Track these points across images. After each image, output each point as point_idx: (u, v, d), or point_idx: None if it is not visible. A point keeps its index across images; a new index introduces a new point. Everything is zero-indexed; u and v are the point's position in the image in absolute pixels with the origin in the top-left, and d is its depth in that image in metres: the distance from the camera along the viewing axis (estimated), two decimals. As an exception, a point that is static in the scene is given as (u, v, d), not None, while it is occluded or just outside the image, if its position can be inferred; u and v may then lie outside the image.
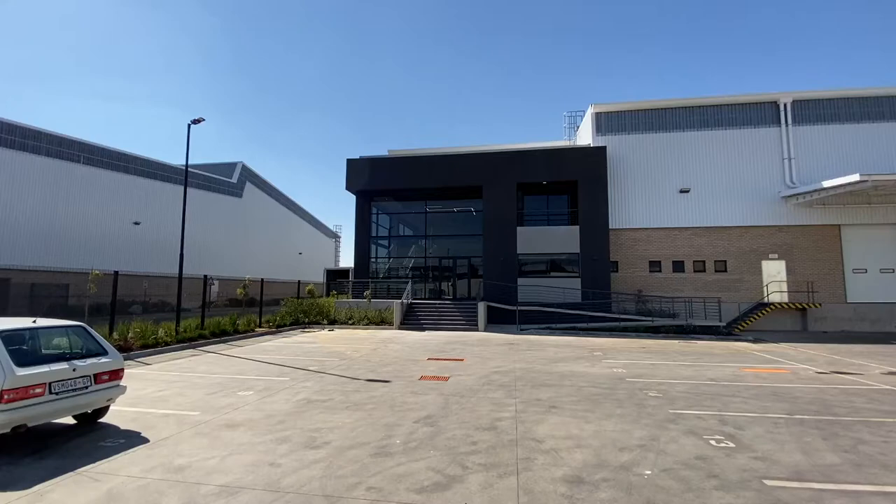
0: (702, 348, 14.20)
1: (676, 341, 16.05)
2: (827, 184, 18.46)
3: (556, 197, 24.13)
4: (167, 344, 12.66)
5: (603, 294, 20.54)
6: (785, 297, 20.48)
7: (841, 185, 17.92)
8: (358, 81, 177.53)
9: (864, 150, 20.82)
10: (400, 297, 20.73)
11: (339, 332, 18.05)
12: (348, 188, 23.95)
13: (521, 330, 18.68)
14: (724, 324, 18.92)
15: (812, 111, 21.63)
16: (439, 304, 21.61)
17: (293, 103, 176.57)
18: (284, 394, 7.55)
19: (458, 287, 24.41)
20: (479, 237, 22.81)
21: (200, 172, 37.57)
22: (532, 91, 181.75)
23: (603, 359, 11.68)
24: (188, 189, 16.10)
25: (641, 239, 22.07)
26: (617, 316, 19.52)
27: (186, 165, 15.60)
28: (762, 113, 21.90)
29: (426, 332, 17.97)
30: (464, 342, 14.94)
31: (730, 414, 6.46)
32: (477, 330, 18.66)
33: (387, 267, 25.45)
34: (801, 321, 20.40)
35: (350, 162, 24.05)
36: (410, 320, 19.89)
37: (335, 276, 31.45)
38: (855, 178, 17.02)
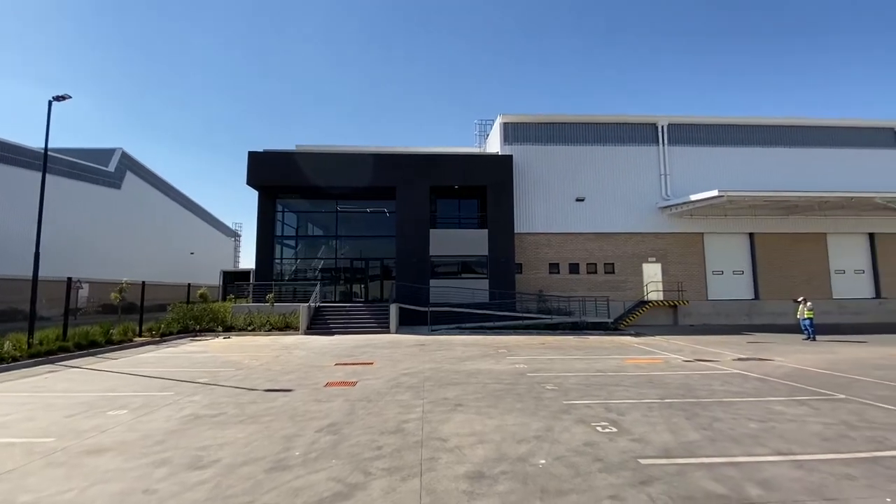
0: (593, 343, 15.60)
1: (572, 337, 17.43)
2: (693, 197, 21.45)
3: (467, 201, 24.87)
4: (15, 359, 10.62)
5: (508, 294, 21.62)
6: (661, 296, 23.35)
7: (704, 199, 20.94)
8: (269, 70, 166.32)
9: (723, 170, 24.54)
10: (307, 301, 19.76)
11: (237, 340, 16.67)
12: (250, 183, 22.27)
13: (433, 331, 18.90)
14: (612, 320, 21.02)
15: (684, 134, 24.99)
16: (350, 306, 21.02)
17: (193, 88, 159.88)
18: (167, 410, 6.74)
19: (370, 289, 23.99)
20: (392, 238, 22.65)
21: (66, 158, 32.23)
22: (446, 98, 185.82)
23: (507, 356, 12.26)
24: (49, 177, 13.70)
25: (543, 243, 23.65)
26: (521, 315, 20.68)
27: (46, 148, 13.24)
28: (644, 133, 24.78)
29: (335, 337, 17.35)
30: (374, 345, 14.69)
31: (614, 402, 7.15)
32: (388, 332, 18.49)
33: (293, 268, 24.13)
34: (672, 316, 23.42)
35: (252, 155, 22.39)
36: (318, 324, 19.06)
37: (234, 279, 29.04)
38: (714, 193, 20.00)
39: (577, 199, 23.96)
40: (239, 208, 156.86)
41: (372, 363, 11.07)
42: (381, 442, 5.26)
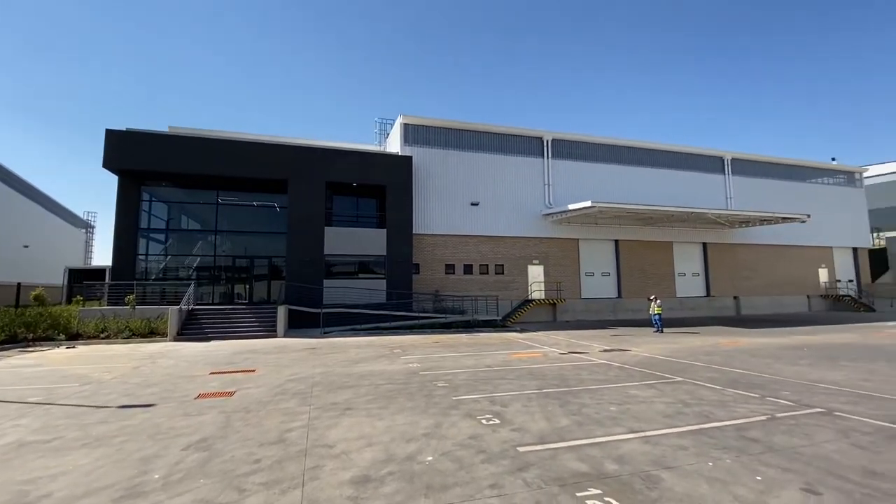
0: (483, 339, 16.41)
1: (464, 335, 18.13)
2: (571, 206, 23.80)
3: (365, 199, 24.39)
4: None
5: (406, 294, 21.71)
6: (543, 295, 25.46)
7: (579, 209, 23.34)
8: (134, 32, 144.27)
9: (596, 183, 27.58)
10: (179, 303, 17.57)
11: (85, 350, 14.16)
12: (107, 166, 19.07)
13: (325, 333, 18.16)
14: (501, 318, 22.37)
15: (565, 149, 27.57)
16: (231, 309, 19.21)
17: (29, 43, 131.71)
18: (-24, 440, 5.44)
19: (256, 290, 22.19)
20: (282, 235, 21.23)
21: None
22: (344, 92, 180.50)
23: (402, 356, 12.29)
24: None
25: (440, 244, 24.22)
26: (417, 314, 20.91)
27: None
28: (532, 146, 26.81)
29: (212, 343, 15.70)
30: (258, 350, 13.62)
31: (498, 395, 7.59)
32: (276, 336, 17.29)
33: (162, 266, 21.26)
34: (552, 313, 25.69)
35: (112, 134, 19.21)
36: (192, 329, 17.07)
37: (83, 278, 24.59)
38: (588, 203, 22.40)
39: (473, 204, 24.99)
40: (90, 195, 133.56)
41: (254, 370, 10.23)
42: (259, 454, 4.87)
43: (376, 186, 22.91)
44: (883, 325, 20.64)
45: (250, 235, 22.23)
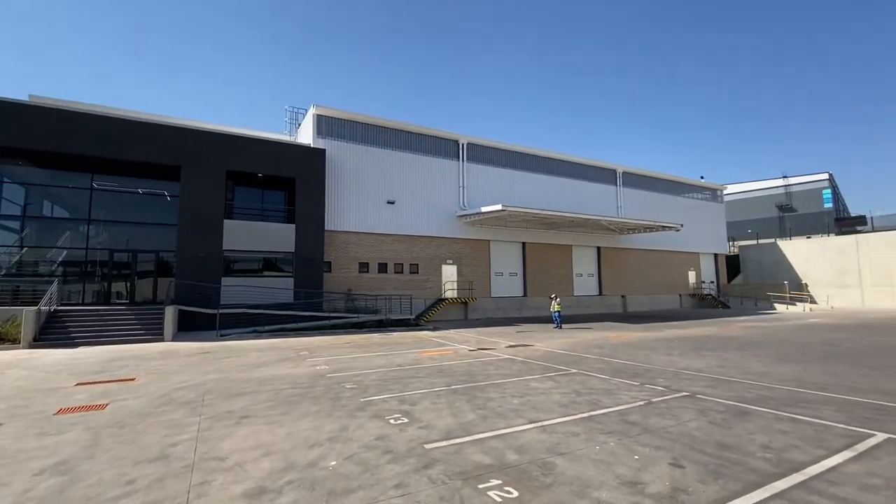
0: (396, 339, 16.34)
1: (377, 335, 17.89)
2: (483, 209, 24.71)
3: (273, 192, 22.91)
4: None
5: (315, 294, 20.81)
6: (455, 294, 26.10)
7: (491, 211, 24.32)
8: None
9: (507, 188, 28.96)
10: (37, 303, 14.94)
11: None
12: (-62, 137, 15.58)
13: (222, 336, 16.70)
14: (414, 317, 22.47)
15: (480, 154, 28.53)
16: (107, 310, 16.83)
17: None
18: None
19: (140, 288, 19.69)
20: (173, 228, 19.09)
21: None
22: (247, 74, 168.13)
23: (308, 358, 11.74)
24: None
25: (353, 242, 23.63)
26: (327, 314, 20.17)
27: None
28: (448, 148, 27.33)
29: (80, 350, 13.61)
30: (140, 357, 12.10)
31: (408, 393, 7.60)
32: (162, 340, 15.50)
33: (16, 260, 17.93)
34: (464, 311, 26.45)
35: (-55, 97, 15.71)
36: (54, 334, 14.64)
37: None
38: (499, 207, 23.44)
39: (389, 202, 24.76)
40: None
41: (133, 379, 9.06)
42: (134, 474, 4.31)
43: (285, 179, 21.65)
44: (735, 320, 24.47)
45: (134, 226, 19.67)
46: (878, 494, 3.76)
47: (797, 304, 34.89)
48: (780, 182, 47.93)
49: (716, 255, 40.93)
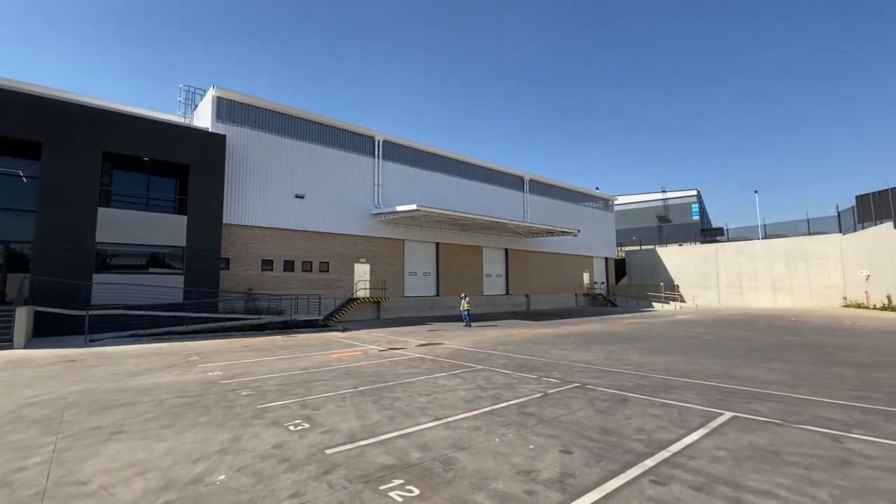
0: (302, 341, 15.57)
1: (280, 337, 16.88)
2: (398, 208, 24.63)
3: (161, 179, 20.46)
4: None
5: (210, 293, 19.03)
6: (368, 293, 25.64)
7: (406, 211, 24.33)
8: None
9: (422, 188, 29.17)
10: None
11: None
12: None
13: (92, 341, 14.53)
14: (322, 317, 21.63)
15: (396, 153, 28.35)
16: (-70, 311, 13.71)
17: None
18: None
19: (-20, 285, 16.35)
20: (30, 214, 16.17)
21: None
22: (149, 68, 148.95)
23: (199, 364, 10.69)
24: None
25: (256, 237, 22.05)
26: (224, 316, 18.57)
27: None
28: (363, 144, 26.77)
29: None
30: (-23, 367, 10.04)
31: (311, 397, 7.27)
32: (12, 347, 13.04)
33: None
34: (376, 311, 26.10)
35: None
36: None
37: None
38: (414, 207, 23.52)
39: (297, 196, 23.53)
40: None
41: (-34, 394, 7.49)
42: (-42, 511, 3.55)
43: (177, 165, 19.50)
44: (620, 317, 27.32)
45: (-28, 211, 16.29)
46: (723, 465, 4.44)
47: (670, 302, 39.99)
48: (660, 196, 54.60)
49: (606, 259, 45.33)
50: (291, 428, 5.65)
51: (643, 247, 48.02)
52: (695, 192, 52.75)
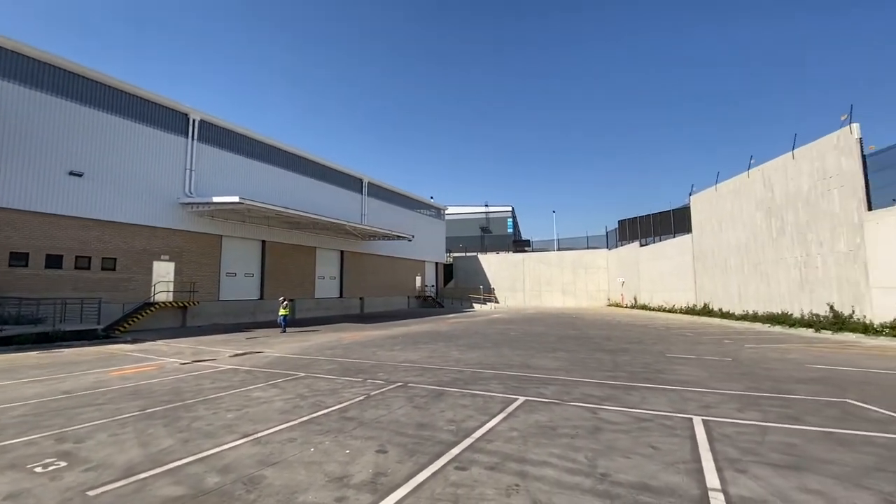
0: (68, 357, 12.32)
1: (35, 353, 13.05)
2: (216, 199, 21.71)
3: None
4: None
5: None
6: (171, 297, 21.84)
7: (226, 203, 21.59)
8: None
9: (249, 179, 26.36)
10: None
11: None
12: None
13: None
14: (103, 326, 17.58)
15: (216, 135, 24.97)
16: None
17: None
18: None
19: None
20: None
21: None
22: None
23: None
24: None
25: (5, 222, 16.66)
26: (-64, 328, 13.44)
27: None
28: (173, 120, 22.82)
29: None
30: None
31: (74, 428, 5.79)
32: None
33: None
34: (181, 318, 22.42)
35: None
36: None
37: None
38: (236, 199, 21.03)
39: (74, 174, 18.63)
40: None
41: None
42: None
43: None
44: (446, 317, 29.47)
45: None
46: (514, 444, 5.14)
47: (487, 303, 44.98)
48: (483, 209, 61.02)
49: (437, 264, 48.50)
50: (39, 469, 4.39)
51: (468, 254, 52.89)
52: (510, 208, 60.57)
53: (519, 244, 55.73)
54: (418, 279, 44.69)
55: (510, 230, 59.37)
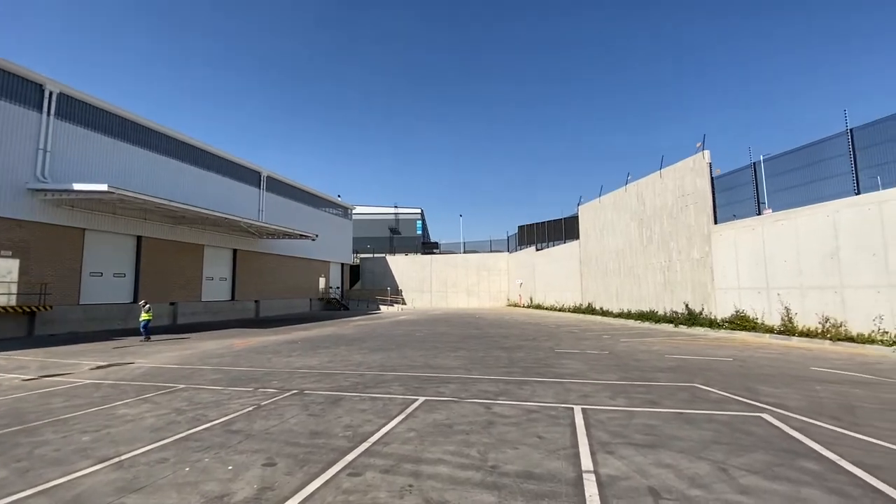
0: None
1: None
2: (78, 187, 18.60)
3: None
4: None
5: None
6: (13, 300, 18.21)
7: (91, 192, 18.59)
8: None
9: (121, 166, 23.00)
10: None
11: None
12: None
13: None
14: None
15: (79, 112, 21.42)
16: None
17: None
18: None
19: None
20: None
21: None
22: None
23: None
24: None
25: None
26: None
27: None
28: (22, 90, 19.10)
29: None
30: None
31: None
32: None
33: None
34: (28, 325, 18.81)
35: None
36: None
37: None
38: (104, 187, 18.19)
39: None
40: None
41: None
42: None
43: None
44: (351, 320, 28.72)
45: None
46: (410, 444, 5.17)
47: (394, 305, 44.82)
48: (392, 210, 60.74)
49: (343, 265, 47.09)
50: None
51: (376, 255, 52.19)
52: (419, 210, 61.11)
53: (427, 246, 56.48)
54: (322, 280, 42.94)
55: (419, 231, 59.89)
